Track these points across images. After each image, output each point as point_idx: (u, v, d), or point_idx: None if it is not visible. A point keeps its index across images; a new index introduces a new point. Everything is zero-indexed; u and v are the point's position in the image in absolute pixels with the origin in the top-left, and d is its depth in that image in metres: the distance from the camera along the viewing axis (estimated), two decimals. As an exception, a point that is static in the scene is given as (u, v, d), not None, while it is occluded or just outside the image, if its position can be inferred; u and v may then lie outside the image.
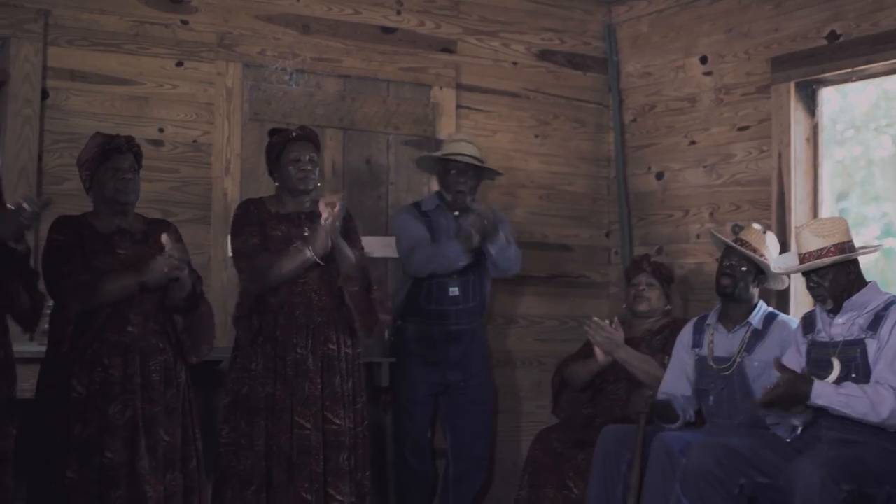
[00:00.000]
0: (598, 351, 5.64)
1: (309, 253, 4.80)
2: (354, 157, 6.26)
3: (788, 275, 5.41)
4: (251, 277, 4.87)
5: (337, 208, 4.80)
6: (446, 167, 5.94)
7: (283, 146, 4.99)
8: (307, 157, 4.96)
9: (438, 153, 6.03)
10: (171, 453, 4.45)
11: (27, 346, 4.97)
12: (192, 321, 4.61)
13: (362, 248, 5.13)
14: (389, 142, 6.37)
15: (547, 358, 6.65)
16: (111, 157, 4.48)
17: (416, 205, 6.04)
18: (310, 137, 5.04)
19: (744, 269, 5.24)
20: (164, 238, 4.40)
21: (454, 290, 5.88)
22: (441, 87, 6.49)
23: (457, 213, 5.90)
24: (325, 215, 4.79)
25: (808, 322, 4.87)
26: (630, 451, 5.08)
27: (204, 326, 4.66)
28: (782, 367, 4.57)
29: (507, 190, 6.65)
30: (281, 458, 4.78)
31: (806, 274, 4.77)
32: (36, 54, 5.50)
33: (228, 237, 5.15)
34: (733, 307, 5.26)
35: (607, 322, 5.60)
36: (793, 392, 4.51)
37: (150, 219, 4.73)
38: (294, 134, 5.01)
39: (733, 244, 5.28)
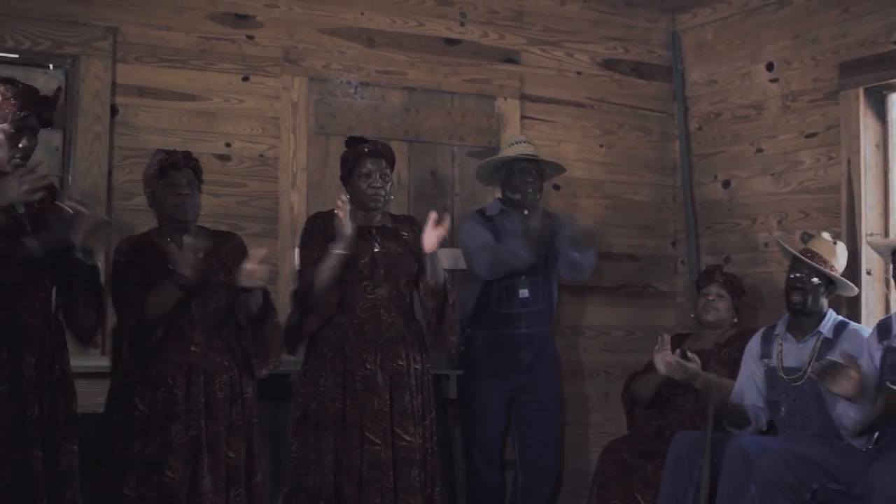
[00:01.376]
0: (658, 363, 5.57)
1: (336, 251, 4.77)
2: (419, 169, 6.28)
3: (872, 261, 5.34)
4: (305, 292, 4.89)
5: (436, 226, 4.85)
6: (510, 170, 5.95)
7: (355, 162, 5.00)
8: (378, 174, 4.96)
9: (498, 158, 6.04)
10: (234, 470, 4.44)
11: (99, 360, 5.02)
12: (260, 333, 4.61)
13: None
14: (454, 153, 6.38)
15: (614, 368, 6.62)
16: (168, 173, 4.49)
17: (481, 211, 6.06)
18: (382, 153, 5.02)
19: (814, 281, 5.15)
20: (188, 238, 4.40)
21: (524, 293, 5.88)
22: (505, 98, 6.49)
23: (526, 212, 5.90)
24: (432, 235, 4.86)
25: (884, 328, 4.82)
26: (702, 456, 5.03)
27: (271, 338, 4.64)
28: (850, 358, 4.54)
29: (571, 199, 6.64)
30: (351, 473, 4.76)
31: None
32: (105, 71, 5.58)
33: (296, 250, 5.17)
34: (802, 318, 5.19)
35: (687, 354, 5.49)
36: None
37: (216, 231, 4.73)
38: (366, 150, 5.00)
39: (802, 256, 5.19)
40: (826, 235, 5.34)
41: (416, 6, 6.32)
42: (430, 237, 4.88)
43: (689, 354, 5.42)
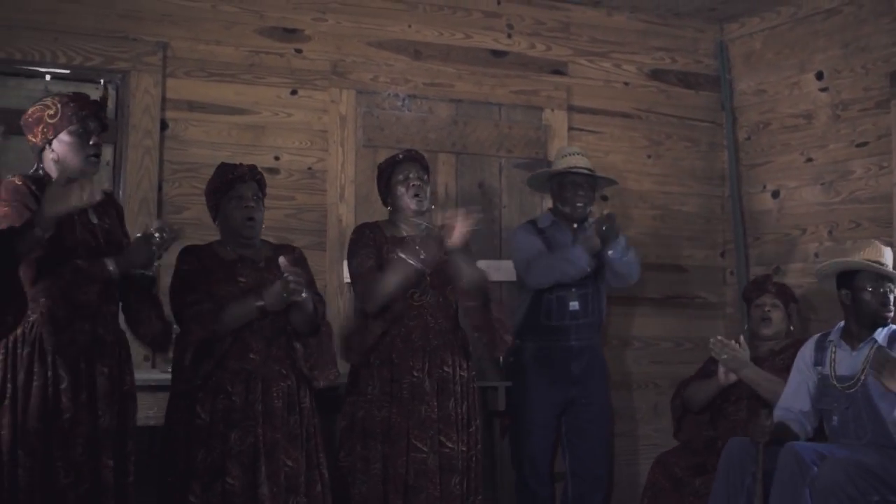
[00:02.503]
0: (721, 372, 5.53)
1: (412, 261, 4.76)
2: (467, 180, 6.28)
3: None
4: (365, 298, 4.87)
5: (460, 223, 4.76)
6: (561, 182, 5.93)
7: (392, 169, 5.02)
8: (415, 175, 4.97)
9: (550, 169, 6.02)
10: (294, 479, 4.43)
11: (150, 373, 5.07)
12: (314, 345, 4.62)
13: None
14: (502, 165, 6.37)
15: (663, 380, 6.59)
16: (234, 186, 4.52)
17: (532, 222, 6.03)
18: (416, 158, 5.04)
19: (884, 289, 5.11)
20: (282, 260, 4.38)
21: (574, 305, 5.84)
22: (553, 110, 6.48)
23: (575, 225, 5.88)
24: (456, 230, 4.77)
25: None
26: (755, 462, 4.98)
27: (325, 350, 4.65)
28: None
29: (620, 210, 6.58)
30: (397, 481, 4.76)
31: None
32: (155, 86, 5.63)
33: (345, 262, 5.18)
34: (862, 327, 5.12)
35: (733, 340, 5.50)
36: None
37: (276, 244, 4.75)
38: (400, 156, 5.03)
39: (883, 269, 5.08)
40: (875, 242, 5.29)
41: (462, 18, 6.33)
42: (456, 232, 4.78)
43: (741, 340, 5.40)
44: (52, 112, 4.06)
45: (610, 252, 5.76)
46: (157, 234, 4.08)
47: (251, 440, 4.35)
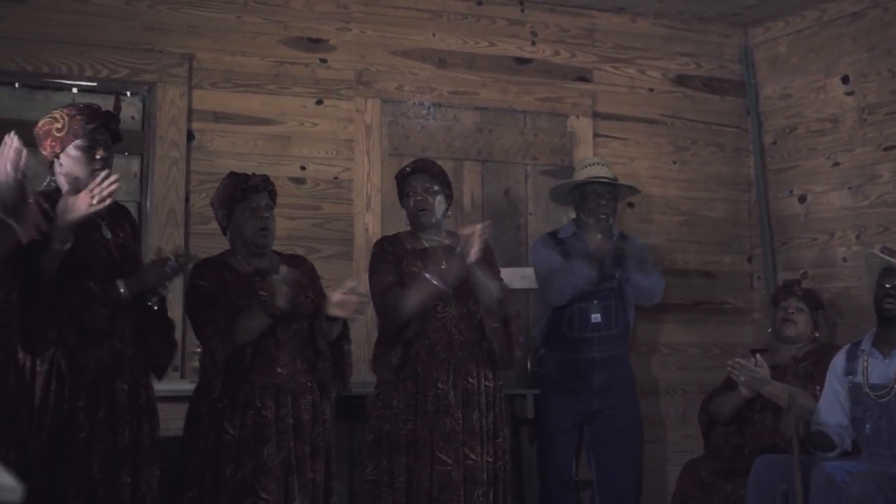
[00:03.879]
0: (741, 386, 5.52)
1: (436, 282, 4.74)
2: (493, 188, 6.28)
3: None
4: (385, 314, 4.87)
5: (477, 237, 4.73)
6: (583, 193, 5.92)
7: (402, 184, 5.01)
8: (421, 188, 4.94)
9: (572, 181, 6.01)
10: (316, 491, 4.43)
11: (178, 384, 5.06)
12: (337, 356, 4.61)
13: (501, 280, 5.08)
14: (527, 172, 6.37)
15: (691, 386, 6.57)
16: (248, 195, 4.48)
17: (553, 233, 6.03)
18: (423, 168, 5.00)
19: (890, 283, 5.10)
20: (283, 268, 4.41)
21: (596, 317, 5.84)
22: (578, 116, 6.48)
23: (599, 237, 5.87)
24: (468, 244, 4.75)
25: None
26: (785, 480, 4.96)
27: (344, 364, 4.62)
28: None
29: (646, 217, 6.60)
30: (422, 494, 4.74)
31: None
32: (181, 97, 5.65)
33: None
34: (891, 332, 5.11)
35: (752, 360, 5.47)
36: None
37: (286, 255, 4.70)
38: (408, 169, 5.01)
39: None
40: None
41: (487, 26, 6.34)
42: (472, 247, 4.74)
43: (758, 358, 5.38)
44: (59, 125, 4.03)
45: (646, 283, 5.89)
46: (171, 259, 4.06)
47: (284, 454, 4.32)
